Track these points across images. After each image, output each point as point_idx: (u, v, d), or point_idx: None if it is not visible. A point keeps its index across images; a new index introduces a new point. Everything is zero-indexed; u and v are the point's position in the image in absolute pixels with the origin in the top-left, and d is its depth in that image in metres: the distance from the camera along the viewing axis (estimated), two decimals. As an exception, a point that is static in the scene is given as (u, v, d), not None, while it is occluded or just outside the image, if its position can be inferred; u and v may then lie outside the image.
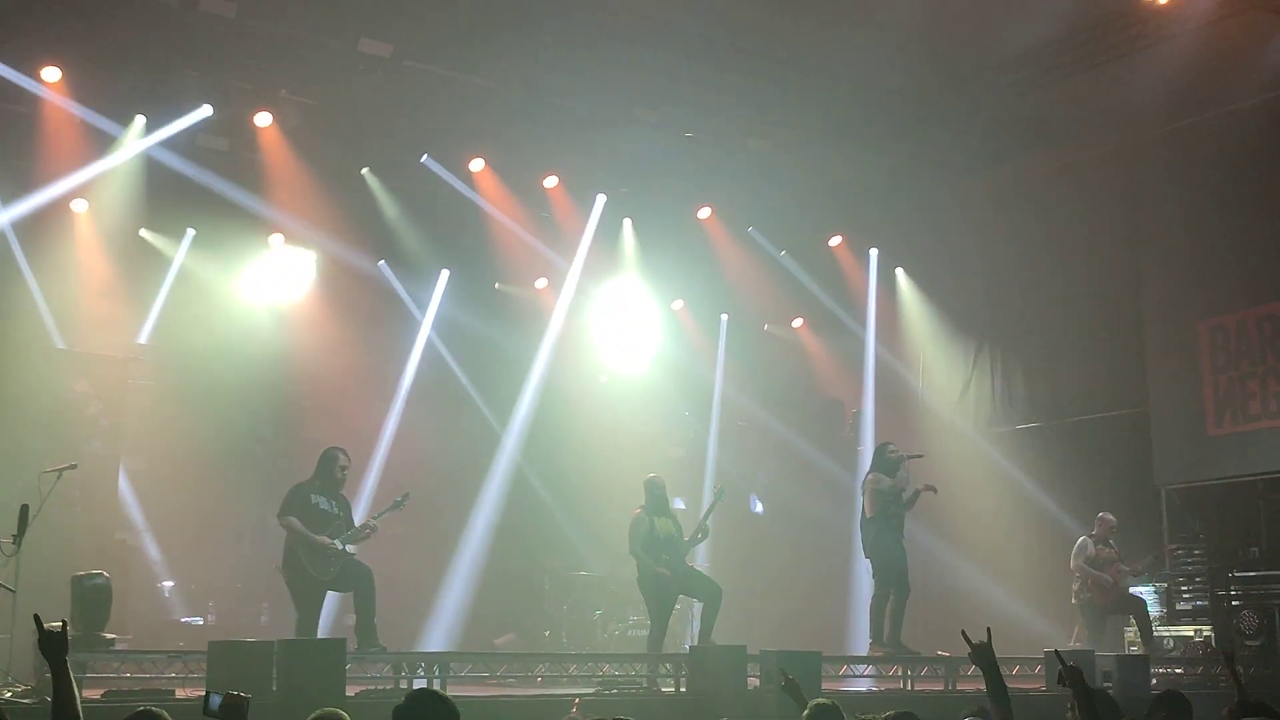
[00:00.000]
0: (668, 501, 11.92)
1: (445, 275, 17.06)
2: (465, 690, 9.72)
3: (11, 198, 13.89)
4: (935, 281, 18.43)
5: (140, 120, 13.94)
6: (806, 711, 6.17)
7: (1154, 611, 14.22)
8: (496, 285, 17.54)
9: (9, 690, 8.82)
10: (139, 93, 13.73)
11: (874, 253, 18.53)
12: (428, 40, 13.61)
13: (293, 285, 16.03)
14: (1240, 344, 14.99)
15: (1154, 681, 11.79)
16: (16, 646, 9.22)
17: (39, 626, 4.82)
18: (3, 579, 9.14)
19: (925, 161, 16.69)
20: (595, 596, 15.03)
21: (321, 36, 13.45)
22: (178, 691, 8.91)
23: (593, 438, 16.70)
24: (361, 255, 16.22)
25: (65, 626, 4.84)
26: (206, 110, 13.98)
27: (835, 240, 18.39)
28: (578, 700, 8.70)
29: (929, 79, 15.06)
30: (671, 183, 16.79)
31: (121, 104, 13.80)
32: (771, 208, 17.55)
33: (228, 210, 14.79)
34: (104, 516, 13.45)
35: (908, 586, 12.43)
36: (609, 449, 16.33)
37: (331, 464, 10.82)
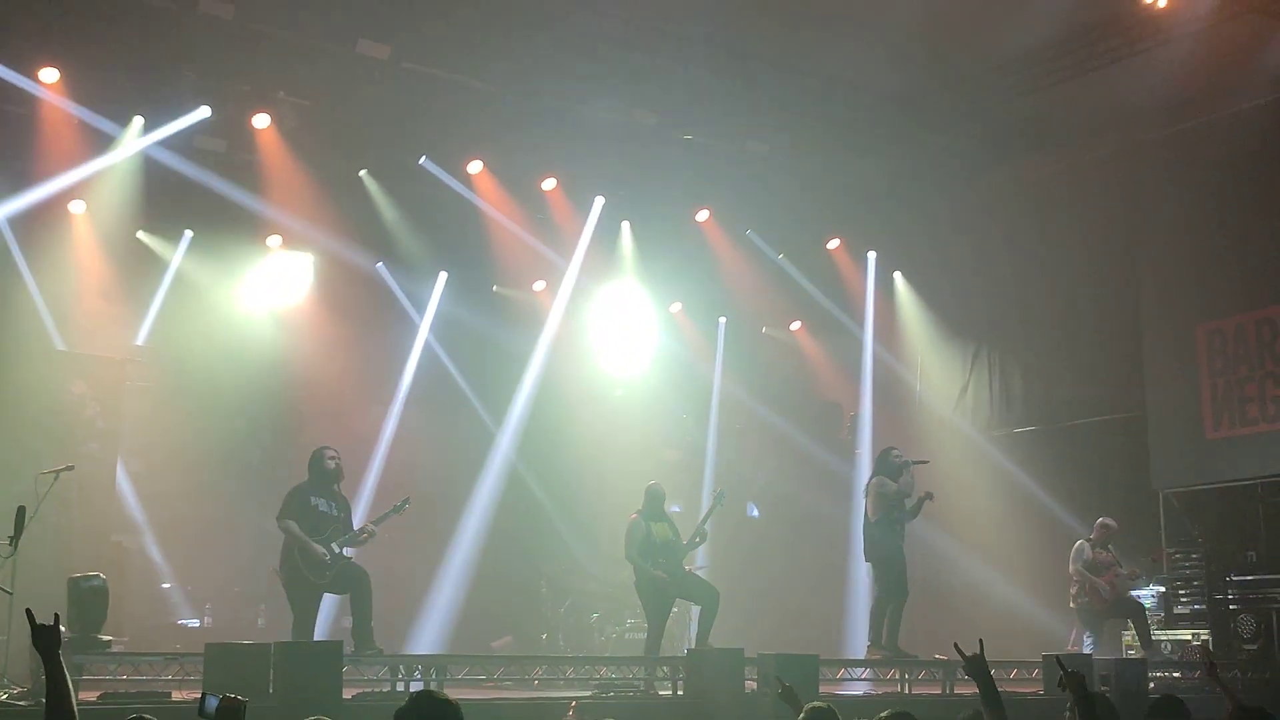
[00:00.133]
0: (664, 507, 11.89)
1: (443, 277, 17.04)
2: (462, 693, 9.69)
3: (9, 199, 13.87)
4: (933, 284, 18.44)
5: (138, 121, 13.93)
6: (802, 715, 6.16)
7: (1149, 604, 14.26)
8: (495, 288, 17.52)
9: (5, 692, 8.81)
10: (137, 94, 13.73)
11: (872, 255, 18.54)
12: (426, 42, 13.63)
13: (291, 289, 16.03)
14: (1238, 348, 14.99)
15: (1151, 685, 11.78)
16: (13, 649, 9.22)
17: (31, 621, 4.83)
18: (-1, 581, 9.14)
19: (923, 165, 16.71)
20: (592, 599, 15.03)
21: (320, 38, 13.46)
22: (174, 694, 8.91)
23: (590, 440, 16.69)
24: (360, 257, 16.19)
25: (57, 620, 4.85)
26: (205, 112, 13.96)
27: (833, 243, 18.40)
28: (574, 703, 8.70)
29: (927, 82, 15.08)
30: (670, 185, 16.79)
31: (120, 105, 13.79)
32: (770, 211, 17.55)
33: (226, 212, 14.78)
34: (101, 518, 13.44)
35: (907, 590, 12.42)
36: (606, 452, 16.32)
37: (320, 462, 10.80)
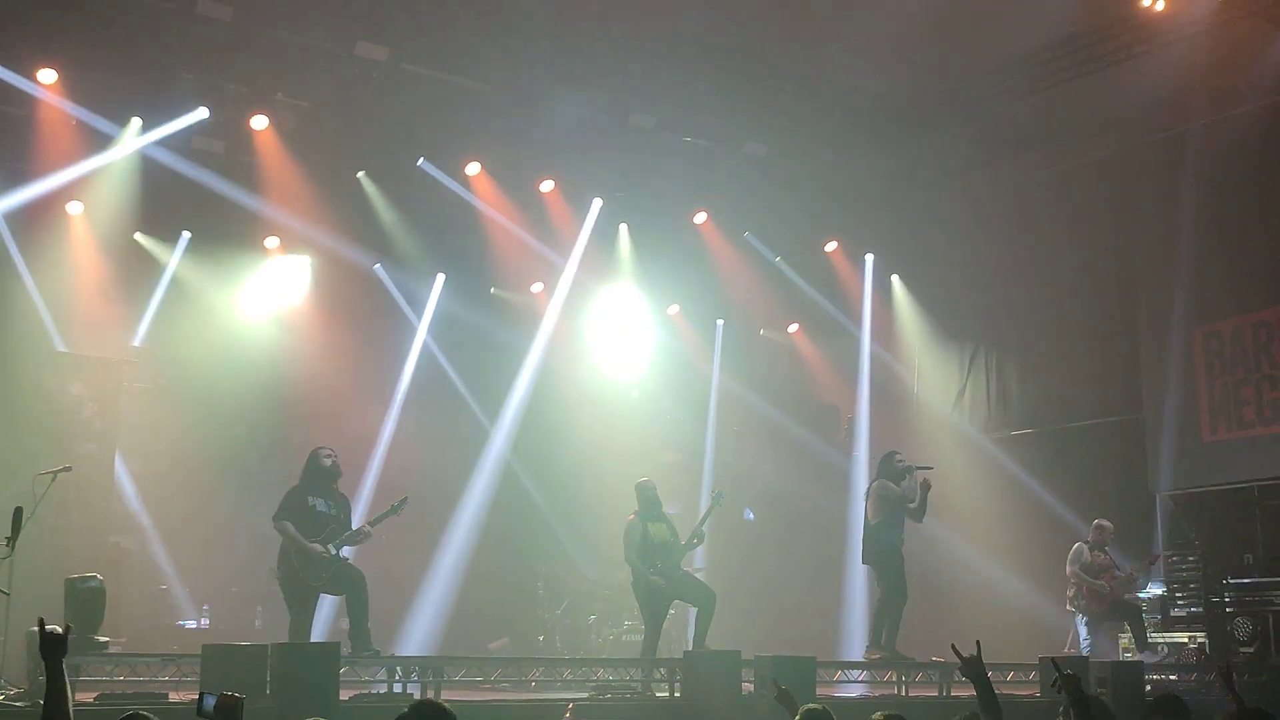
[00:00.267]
0: (661, 506, 11.87)
1: (441, 279, 17.04)
2: (459, 695, 9.72)
3: (7, 199, 13.87)
4: (931, 287, 18.46)
5: (136, 122, 13.92)
6: (798, 717, 6.17)
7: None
8: (492, 290, 17.52)
9: (1, 693, 8.80)
10: (135, 95, 13.70)
11: (869, 258, 18.54)
12: (424, 44, 13.63)
13: (289, 292, 16.04)
14: (1235, 350, 15.01)
15: (1148, 688, 11.79)
16: (9, 649, 9.20)
17: (41, 628, 4.86)
18: (-4, 582, 9.13)
19: (921, 167, 16.73)
20: (589, 601, 15.01)
21: (318, 40, 13.47)
22: (171, 695, 8.90)
23: (588, 442, 16.68)
24: (358, 259, 16.19)
25: (68, 630, 4.89)
26: (203, 113, 13.94)
27: (831, 245, 18.40)
28: (572, 705, 8.69)
29: (924, 85, 15.10)
30: (667, 187, 16.79)
31: (118, 106, 13.77)
32: (767, 213, 17.55)
33: (224, 213, 14.76)
34: (98, 519, 13.42)
35: (906, 593, 12.42)
36: (604, 453, 16.31)
37: (316, 461, 10.78)
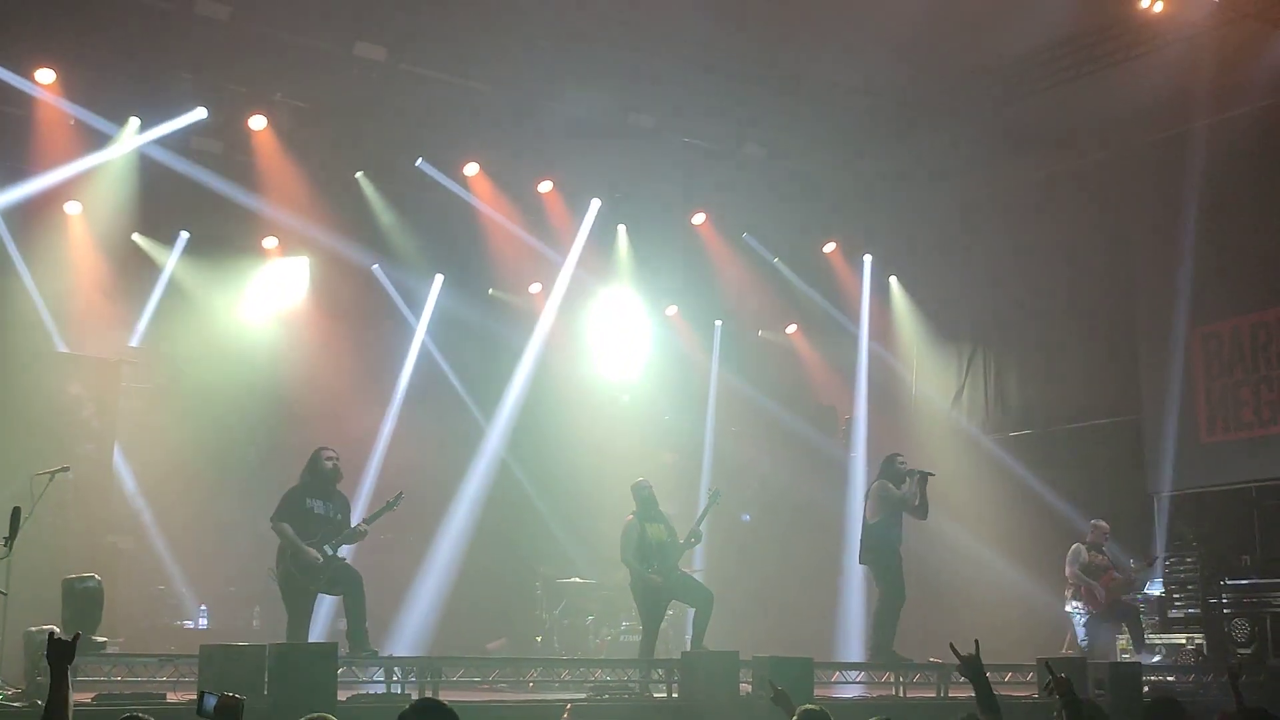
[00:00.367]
0: (658, 506, 11.86)
1: (439, 279, 17.03)
2: (457, 695, 9.69)
3: (4, 199, 13.85)
4: (929, 288, 18.47)
5: (135, 122, 13.91)
6: (795, 717, 6.17)
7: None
8: (490, 291, 17.51)
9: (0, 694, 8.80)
10: (133, 95, 13.70)
11: (867, 259, 18.55)
12: (423, 44, 13.63)
13: (287, 293, 16.05)
14: (1233, 351, 15.02)
15: (1146, 689, 11.78)
16: (7, 650, 9.19)
17: (51, 635, 4.93)
18: (-6, 582, 9.12)
19: (919, 168, 16.74)
20: (587, 602, 14.99)
21: (316, 40, 13.45)
22: (169, 695, 8.89)
23: (586, 443, 16.67)
24: (356, 259, 16.19)
25: (77, 638, 4.94)
26: (201, 113, 13.94)
27: (829, 247, 18.40)
28: (569, 706, 8.68)
29: (922, 86, 15.10)
30: (666, 188, 16.80)
31: (116, 105, 13.77)
32: (766, 214, 17.57)
33: (222, 213, 14.75)
34: (96, 520, 13.41)
35: (904, 594, 12.41)
36: (602, 454, 16.29)
37: (317, 463, 10.78)
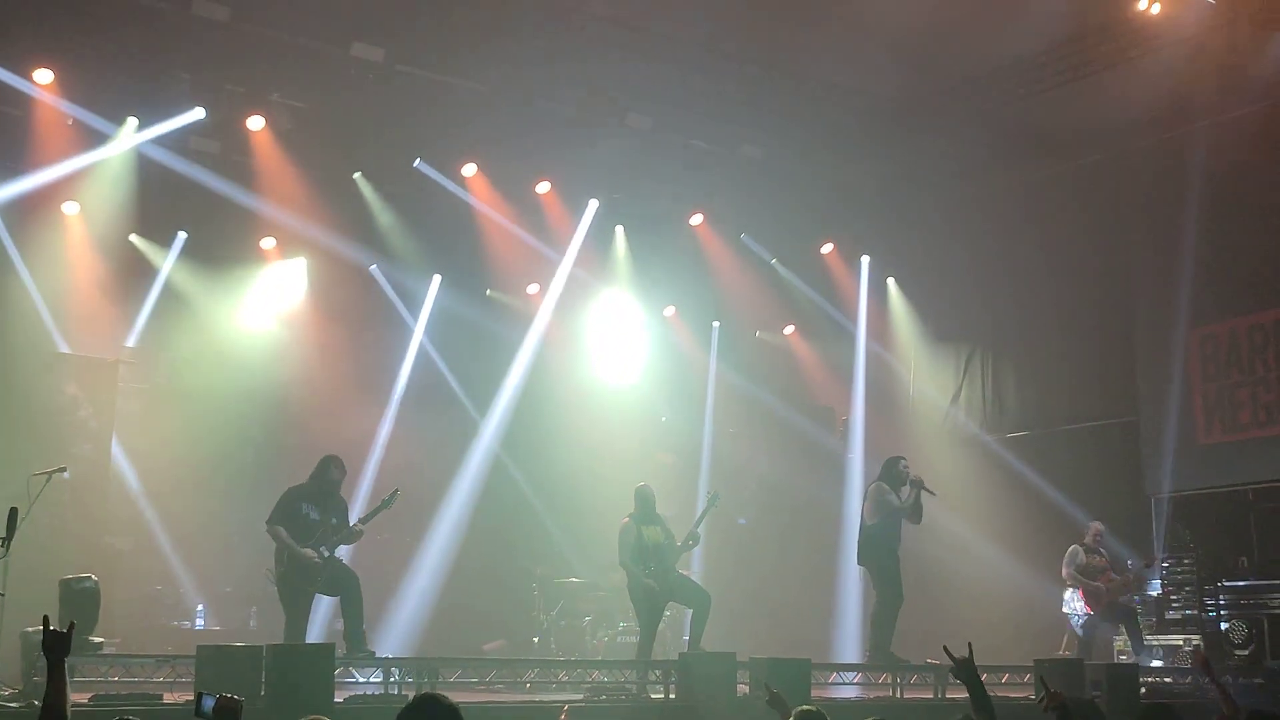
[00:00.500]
0: (656, 509, 11.86)
1: (437, 280, 17.02)
2: (454, 696, 9.61)
3: (2, 199, 13.84)
4: (926, 289, 18.49)
5: (132, 122, 13.91)
6: (791, 718, 6.17)
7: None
8: (488, 292, 17.50)
9: (-4, 694, 8.79)
10: (131, 95, 13.69)
11: (865, 260, 18.56)
12: (420, 45, 13.62)
13: (285, 294, 16.07)
14: (1230, 353, 15.04)
15: (1143, 691, 11.79)
16: (4, 650, 9.18)
17: (45, 625, 4.88)
18: (-9, 582, 9.11)
19: (917, 169, 16.74)
20: (584, 603, 14.99)
21: (314, 41, 13.45)
22: (166, 696, 8.88)
23: (584, 444, 16.67)
24: (354, 260, 16.18)
25: (71, 628, 4.90)
26: (199, 113, 13.93)
27: (827, 248, 18.42)
28: (566, 707, 8.68)
29: (920, 88, 15.10)
30: (664, 189, 16.80)
31: (114, 106, 13.76)
32: (763, 215, 17.57)
33: (220, 213, 14.75)
34: (93, 520, 13.41)
35: (902, 595, 12.41)
36: (600, 455, 16.30)
37: (326, 471, 10.76)
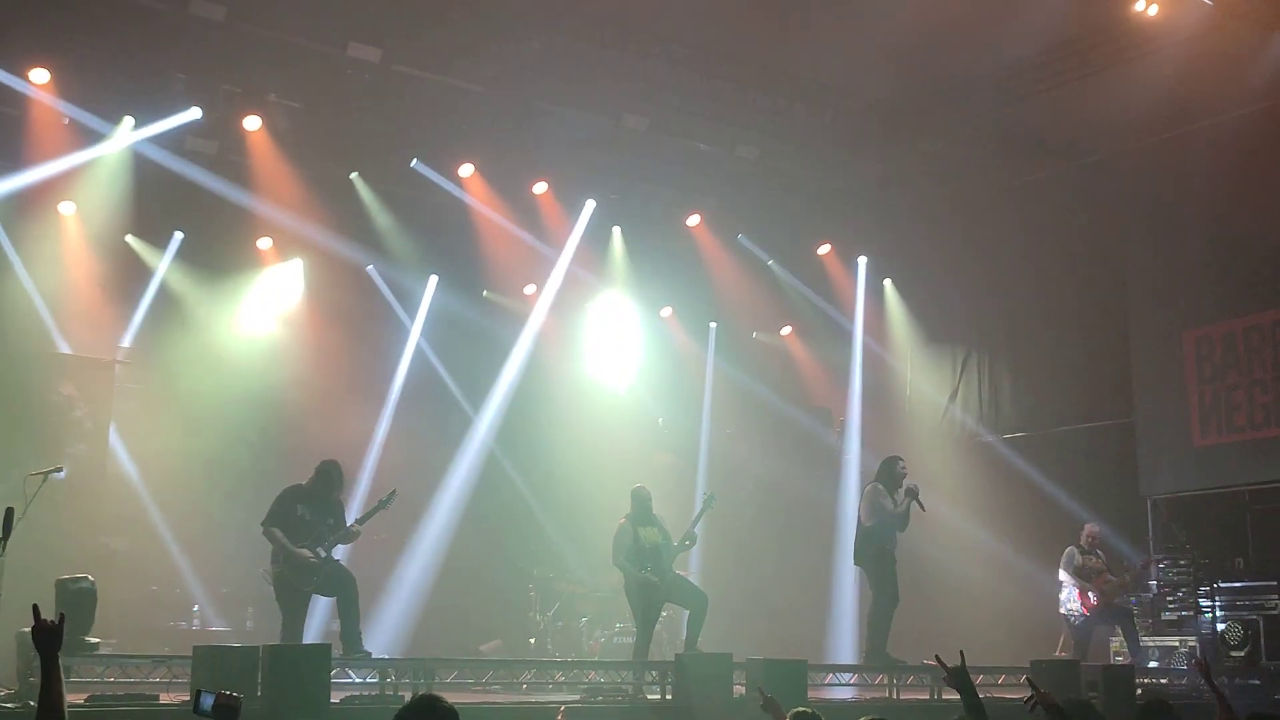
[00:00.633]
0: (652, 510, 11.86)
1: (434, 280, 17.02)
2: (451, 697, 9.59)
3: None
4: (923, 290, 18.50)
5: (129, 122, 13.90)
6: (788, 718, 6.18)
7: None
8: (485, 293, 17.49)
9: (-8, 694, 8.79)
10: (128, 94, 13.69)
11: (862, 260, 18.58)
12: (417, 45, 13.61)
13: (282, 294, 16.08)
14: (1226, 355, 15.05)
15: (1139, 691, 11.81)
16: (0, 649, 9.17)
17: (36, 617, 4.84)
18: (-13, 583, 9.09)
19: (913, 170, 16.76)
20: (581, 604, 15.00)
21: (311, 41, 13.44)
22: (162, 696, 8.88)
23: (581, 444, 16.67)
24: (350, 259, 16.17)
25: (62, 619, 4.85)
26: (195, 113, 13.94)
27: (824, 248, 18.43)
28: (563, 707, 8.68)
29: (917, 89, 15.11)
30: (661, 190, 16.82)
31: (110, 105, 13.76)
32: (760, 215, 17.59)
33: (216, 214, 14.76)
34: (89, 520, 13.39)
35: (897, 595, 12.41)
36: (597, 456, 16.30)
37: (324, 477, 10.74)
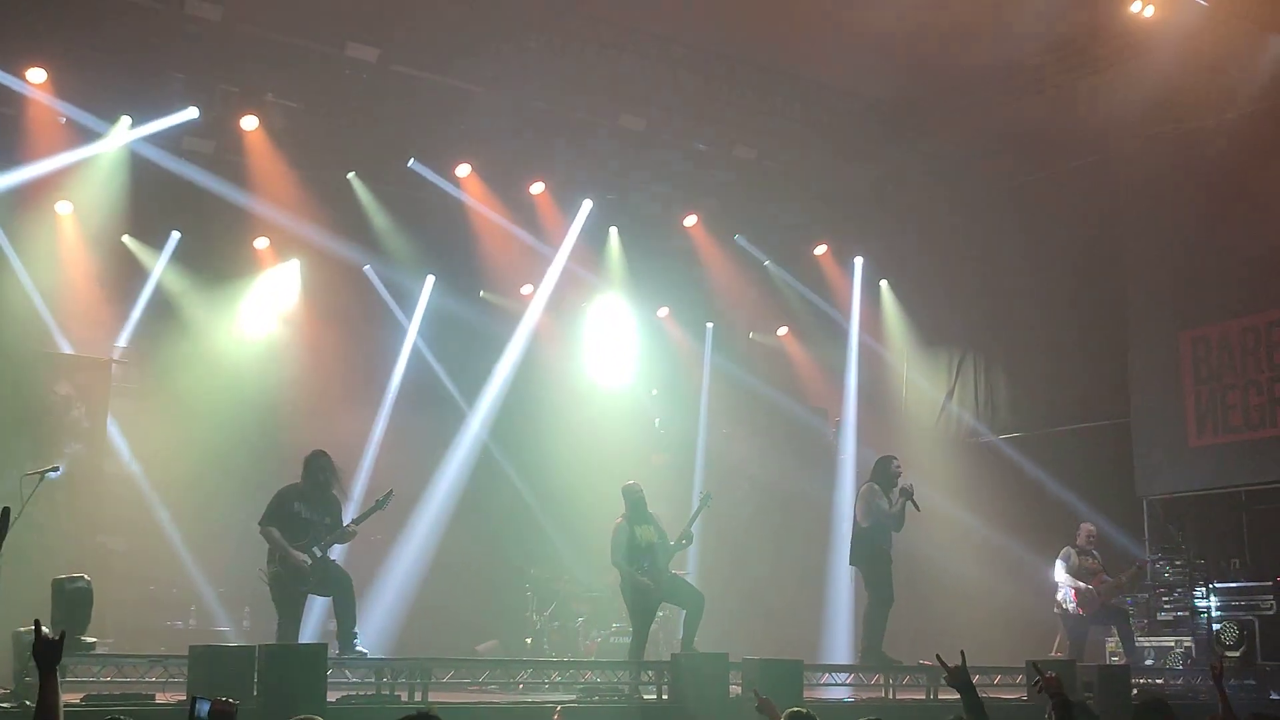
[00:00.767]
0: (648, 508, 11.86)
1: (431, 280, 17.02)
2: (447, 696, 9.70)
3: (-4, 197, 13.84)
4: (919, 290, 18.51)
5: (126, 121, 13.89)
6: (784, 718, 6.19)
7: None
8: (482, 293, 17.49)
9: (-11, 694, 8.78)
10: (125, 94, 13.68)
11: (858, 261, 18.58)
12: (415, 45, 13.62)
13: (279, 294, 16.09)
14: (1222, 355, 15.05)
15: (1134, 692, 11.82)
16: (-4, 650, 9.17)
17: (38, 631, 4.89)
18: (-17, 582, 9.09)
19: (910, 171, 16.76)
20: (577, 604, 15.00)
21: (308, 40, 13.45)
22: (158, 696, 8.88)
23: (578, 444, 16.67)
24: (348, 259, 16.17)
25: (63, 636, 4.91)
26: (192, 113, 13.92)
27: (820, 249, 18.43)
28: (559, 708, 8.68)
29: (914, 89, 15.13)
30: (658, 190, 16.82)
31: (107, 105, 13.74)
32: (757, 216, 17.60)
33: (213, 213, 14.75)
34: (86, 520, 13.39)
35: (893, 595, 12.42)
36: (594, 456, 16.30)
37: (314, 468, 10.75)
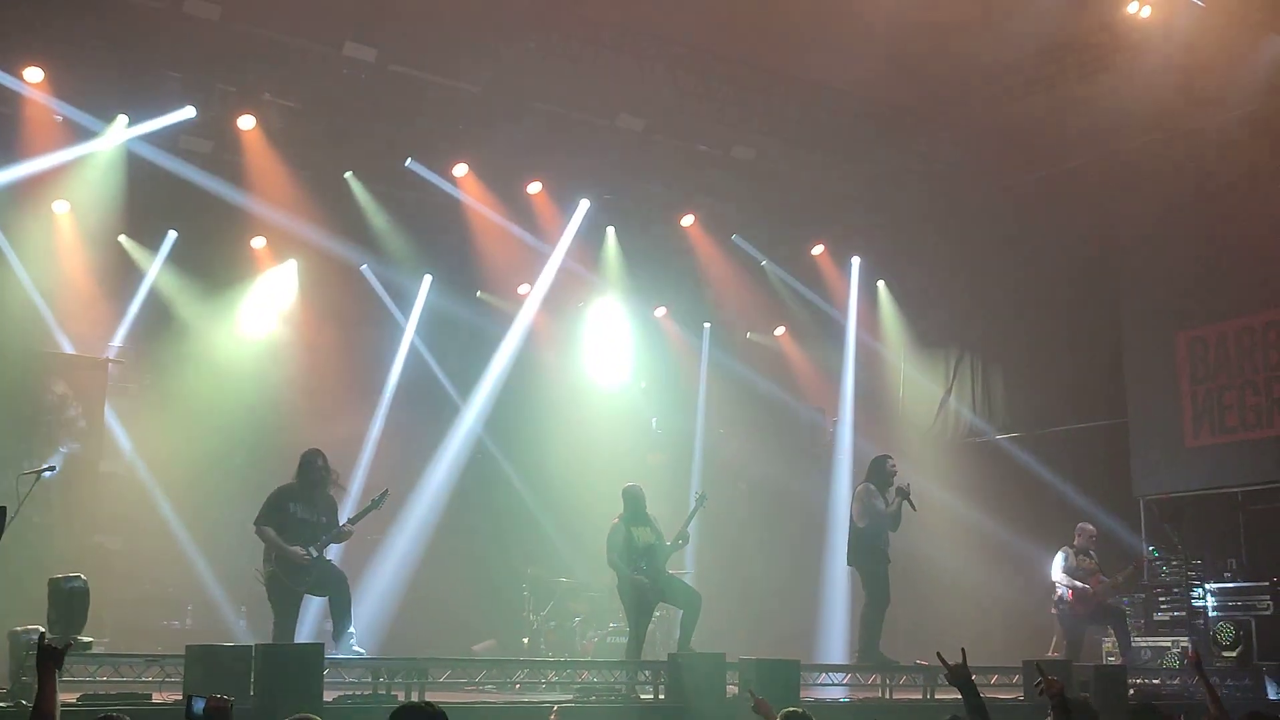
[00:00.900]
0: (646, 509, 11.86)
1: (428, 280, 17.02)
2: (443, 696, 9.69)
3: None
4: (916, 291, 18.54)
5: (123, 120, 13.88)
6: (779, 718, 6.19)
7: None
8: (479, 293, 17.49)
9: (-15, 693, 8.77)
10: (122, 93, 13.67)
11: (856, 261, 18.59)
12: (413, 45, 13.62)
13: (276, 294, 16.09)
14: (1219, 356, 15.08)
15: (1131, 692, 11.82)
16: (-7, 649, 9.16)
17: (41, 639, 4.94)
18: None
19: (907, 172, 16.78)
20: (575, 603, 15.00)
21: (306, 40, 13.46)
22: (155, 695, 8.87)
23: (575, 444, 16.67)
24: (345, 259, 16.17)
25: (68, 646, 4.97)
26: (190, 112, 13.92)
27: (818, 249, 18.44)
28: (556, 707, 8.68)
29: (911, 91, 15.14)
30: (655, 190, 16.82)
31: (104, 104, 13.74)
32: (755, 216, 17.60)
33: (211, 213, 14.75)
34: (82, 519, 13.38)
35: (889, 596, 12.42)
36: (591, 455, 16.31)
37: (308, 467, 10.75)
